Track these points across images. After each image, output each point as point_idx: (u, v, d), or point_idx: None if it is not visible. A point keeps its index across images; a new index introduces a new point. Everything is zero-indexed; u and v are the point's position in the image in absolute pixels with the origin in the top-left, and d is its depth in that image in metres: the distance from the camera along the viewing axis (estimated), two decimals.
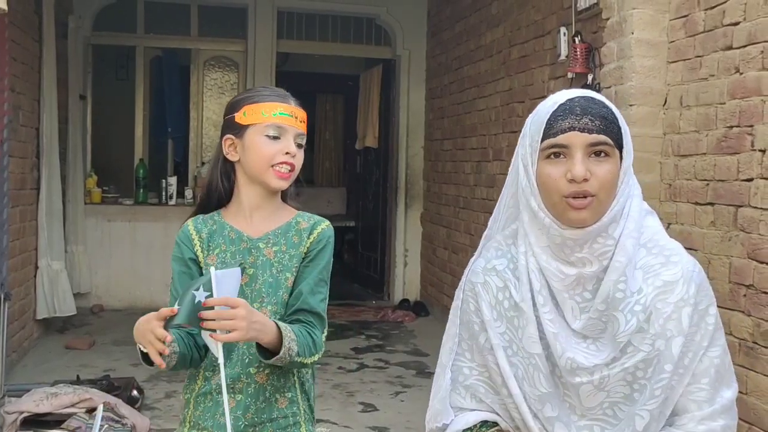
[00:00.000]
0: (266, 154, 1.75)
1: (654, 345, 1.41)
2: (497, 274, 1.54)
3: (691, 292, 1.42)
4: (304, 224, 1.83)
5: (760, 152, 2.78)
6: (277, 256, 1.79)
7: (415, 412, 4.42)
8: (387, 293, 7.81)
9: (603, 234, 1.41)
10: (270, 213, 1.83)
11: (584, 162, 1.39)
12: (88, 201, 6.91)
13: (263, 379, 1.75)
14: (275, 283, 1.78)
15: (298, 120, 1.79)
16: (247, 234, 1.80)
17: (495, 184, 5.59)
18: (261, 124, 1.76)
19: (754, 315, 2.80)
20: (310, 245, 1.80)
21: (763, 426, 2.74)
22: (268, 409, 1.75)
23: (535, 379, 1.48)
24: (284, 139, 1.77)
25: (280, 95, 1.82)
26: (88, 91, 7.16)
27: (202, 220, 1.84)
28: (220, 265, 1.75)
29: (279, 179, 1.77)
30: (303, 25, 7.62)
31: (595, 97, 1.44)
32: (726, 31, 2.99)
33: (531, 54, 5.00)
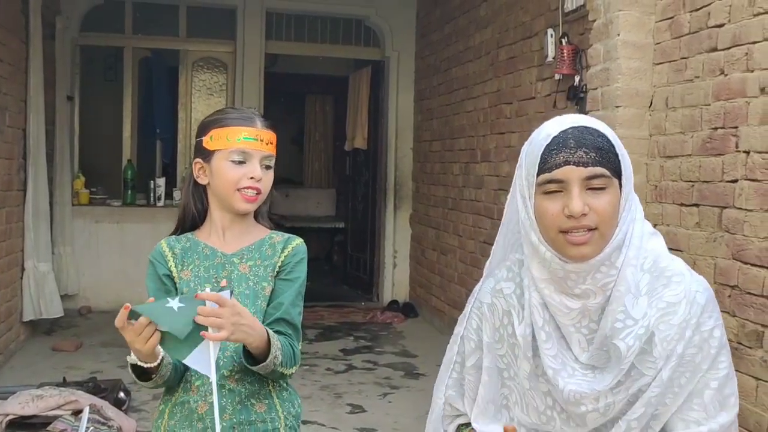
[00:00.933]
0: (231, 178, 1.79)
1: (657, 367, 1.39)
2: (504, 297, 1.53)
3: (692, 312, 1.39)
4: (278, 239, 1.89)
5: (745, 153, 2.79)
6: (252, 270, 1.84)
7: (402, 413, 4.42)
8: (376, 294, 7.81)
9: (606, 263, 1.38)
10: (241, 232, 1.88)
11: (582, 196, 1.35)
12: (75, 202, 6.88)
13: (234, 383, 1.78)
14: (252, 294, 1.82)
15: (263, 143, 1.82)
16: (221, 250, 1.85)
17: (483, 186, 5.60)
18: (226, 149, 1.79)
19: (739, 315, 2.81)
20: (285, 258, 1.85)
21: (749, 426, 2.75)
22: (245, 411, 1.78)
23: (529, 408, 1.49)
24: (249, 164, 1.80)
25: (246, 118, 1.83)
26: (75, 92, 7.12)
27: (175, 239, 1.89)
28: (194, 280, 1.80)
29: (245, 202, 1.81)
30: (292, 26, 7.61)
31: (589, 126, 1.39)
32: (711, 32, 3.00)
33: (519, 55, 5.01)
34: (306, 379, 5.04)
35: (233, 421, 1.77)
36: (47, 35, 6.05)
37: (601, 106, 3.49)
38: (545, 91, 4.57)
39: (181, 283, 1.82)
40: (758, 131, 2.72)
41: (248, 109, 1.90)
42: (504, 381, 1.51)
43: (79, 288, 6.81)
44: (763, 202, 2.69)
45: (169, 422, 1.81)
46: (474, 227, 5.75)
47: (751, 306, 2.75)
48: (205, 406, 1.77)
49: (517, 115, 5.03)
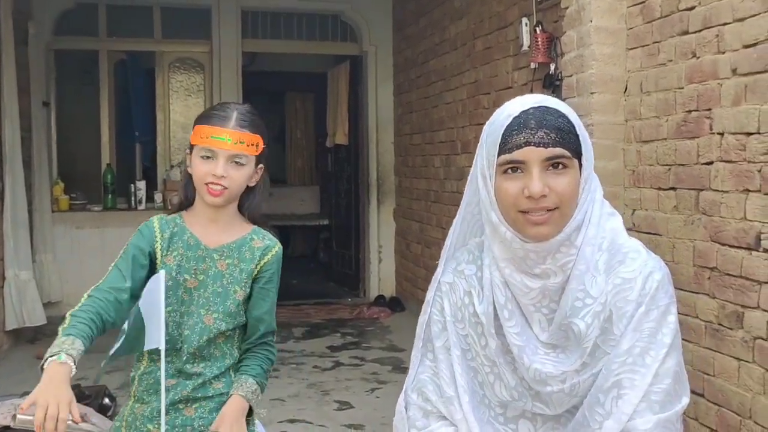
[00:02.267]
0: (198, 173, 1.91)
1: (617, 344, 1.39)
2: (465, 278, 1.53)
3: (647, 287, 1.39)
4: (258, 243, 1.99)
5: (719, 135, 2.79)
6: (228, 269, 1.96)
7: (390, 408, 4.39)
8: (362, 290, 7.80)
9: (566, 243, 1.39)
10: (224, 226, 1.99)
11: (541, 177, 1.35)
12: (55, 209, 6.81)
13: (198, 370, 1.94)
14: (223, 293, 1.95)
15: (231, 142, 1.90)
16: (204, 243, 1.96)
17: (464, 177, 5.56)
18: (198, 145, 1.92)
19: (719, 297, 2.82)
20: (263, 266, 1.98)
21: (731, 407, 2.76)
22: (202, 390, 1.94)
23: (495, 386, 1.49)
24: (214, 161, 1.89)
25: (222, 118, 1.92)
26: (51, 97, 7.05)
27: (167, 221, 1.99)
28: (176, 269, 1.93)
29: (209, 196, 1.90)
30: (268, 24, 7.57)
31: (551, 106, 1.39)
32: (682, 16, 3.00)
33: (494, 45, 5.01)
34: (293, 377, 5.02)
35: (189, 396, 1.93)
36: (20, 41, 5.97)
37: (576, 93, 3.49)
38: (522, 80, 4.57)
39: (164, 267, 1.92)
40: (731, 112, 2.72)
41: (235, 107, 1.97)
42: (468, 362, 1.51)
43: (62, 295, 6.74)
44: (738, 183, 2.69)
45: (138, 388, 1.96)
46: None
47: (731, 287, 2.75)
48: (173, 381, 1.92)
49: (495, 105, 5.00)
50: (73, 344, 1.65)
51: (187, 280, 1.94)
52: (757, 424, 2.62)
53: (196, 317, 1.94)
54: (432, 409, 1.54)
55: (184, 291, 1.94)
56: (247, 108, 1.98)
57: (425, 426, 1.53)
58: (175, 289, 1.93)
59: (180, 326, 1.93)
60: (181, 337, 1.93)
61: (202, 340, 1.93)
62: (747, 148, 2.64)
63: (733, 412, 2.76)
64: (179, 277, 1.93)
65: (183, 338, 1.93)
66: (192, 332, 1.93)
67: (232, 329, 1.98)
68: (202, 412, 1.94)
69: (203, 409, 1.95)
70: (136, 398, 1.97)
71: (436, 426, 1.52)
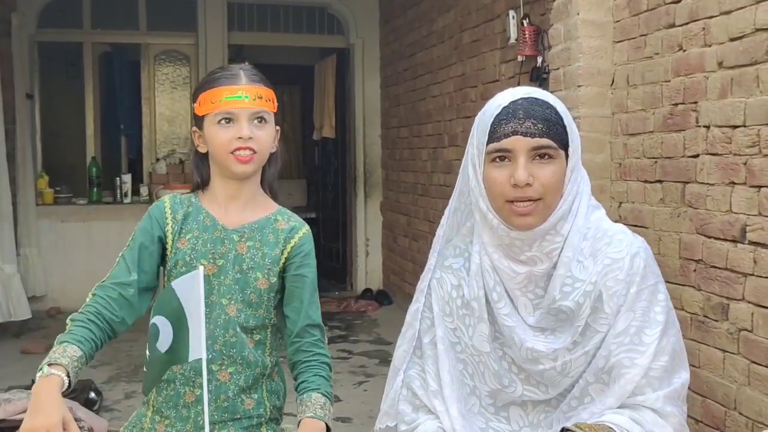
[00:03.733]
0: (221, 142, 1.70)
1: (609, 323, 1.42)
2: (453, 272, 1.56)
3: (636, 266, 1.43)
4: (283, 224, 1.79)
5: (705, 128, 2.80)
6: (249, 252, 1.74)
7: (378, 401, 4.38)
8: (350, 283, 7.80)
9: (551, 232, 1.42)
10: (245, 203, 1.78)
11: (527, 166, 1.39)
12: (40, 202, 6.77)
13: (226, 377, 1.71)
14: (243, 280, 1.73)
15: (250, 99, 1.71)
16: (222, 223, 1.76)
17: (451, 170, 5.60)
18: (212, 113, 1.71)
19: (704, 289, 2.83)
20: (291, 251, 1.76)
21: (717, 398, 2.78)
22: (231, 408, 1.72)
23: (485, 376, 1.51)
24: (236, 124, 1.70)
25: (229, 76, 1.74)
26: (35, 89, 6.99)
27: (179, 200, 1.79)
28: (191, 253, 1.72)
29: (239, 164, 1.70)
30: (254, 16, 7.53)
31: (539, 98, 1.43)
32: (668, 9, 3.01)
33: (482, 38, 5.00)
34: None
35: (214, 418, 1.70)
36: (3, 32, 5.93)
37: (563, 86, 3.49)
38: (509, 73, 4.57)
39: (177, 254, 1.73)
40: (717, 105, 2.73)
41: (239, 66, 1.79)
42: (457, 355, 1.53)
43: (47, 289, 6.70)
44: (723, 176, 2.71)
45: (158, 398, 1.76)
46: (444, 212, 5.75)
47: (716, 279, 2.77)
48: (192, 397, 1.72)
49: (482, 98, 5.02)
50: (64, 352, 1.53)
51: (204, 266, 1.69)
52: (742, 414, 2.64)
53: (218, 308, 1.71)
54: (420, 404, 1.56)
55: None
56: (251, 65, 1.81)
57: (414, 420, 1.54)
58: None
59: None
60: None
61: (229, 335, 1.70)
62: (733, 141, 2.65)
63: (718, 403, 2.78)
64: (195, 263, 1.71)
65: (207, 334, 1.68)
66: (215, 326, 1.70)
67: (261, 329, 1.75)
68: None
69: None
70: (154, 409, 1.76)
71: (422, 419, 1.54)
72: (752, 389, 2.60)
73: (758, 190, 2.54)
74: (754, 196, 2.56)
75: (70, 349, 1.54)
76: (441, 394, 1.52)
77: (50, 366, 1.49)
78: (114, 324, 1.66)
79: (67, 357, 1.52)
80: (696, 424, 2.89)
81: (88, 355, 1.58)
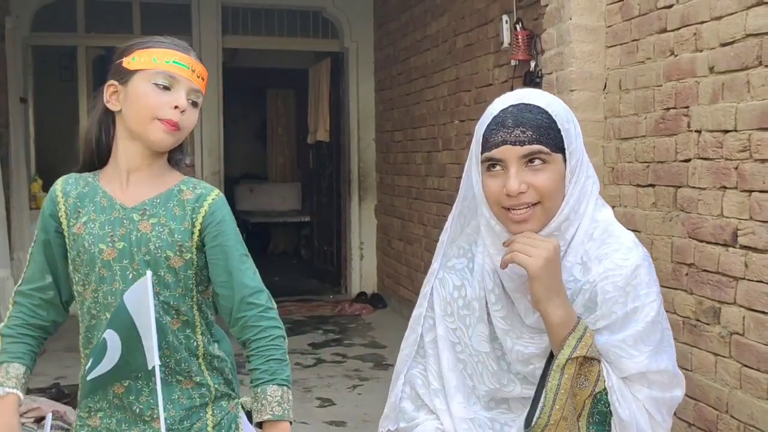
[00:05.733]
0: (151, 104, 1.53)
1: (596, 325, 1.42)
2: (455, 272, 1.56)
3: (639, 279, 1.41)
4: (188, 194, 1.61)
5: (696, 133, 2.82)
6: (154, 230, 1.56)
7: (372, 405, 4.42)
8: (344, 287, 7.79)
9: (555, 234, 1.41)
10: (150, 177, 1.61)
11: (519, 175, 1.38)
12: (33, 206, 6.74)
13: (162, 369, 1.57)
14: (153, 262, 1.56)
15: (195, 74, 1.58)
16: (120, 201, 1.59)
17: (446, 174, 5.61)
18: (150, 70, 1.54)
19: (696, 293, 2.85)
20: (202, 221, 1.58)
21: (709, 402, 2.79)
22: (166, 390, 1.56)
23: (484, 376, 1.51)
24: (174, 91, 1.55)
25: (179, 45, 1.60)
26: (29, 93, 6.98)
27: (74, 180, 1.64)
28: (88, 238, 1.57)
29: (162, 134, 1.54)
30: (249, 20, 7.53)
31: (531, 103, 1.40)
32: (660, 14, 3.03)
33: (475, 42, 5.02)
34: None
35: (150, 403, 1.58)
36: None
37: (556, 91, 3.50)
38: (502, 77, 4.58)
39: (76, 241, 1.57)
40: (708, 110, 2.75)
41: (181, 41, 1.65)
42: (457, 355, 1.53)
43: None
44: (715, 180, 2.72)
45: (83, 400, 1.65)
46: (438, 216, 5.76)
47: (708, 283, 2.78)
48: (121, 388, 1.59)
49: (476, 102, 5.03)
50: (7, 373, 1.56)
51: (104, 251, 1.56)
52: (734, 418, 2.65)
53: None
54: (421, 403, 1.57)
55: (102, 266, 1.57)
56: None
57: (414, 418, 1.56)
58: (91, 264, 1.57)
59: (108, 310, 1.56)
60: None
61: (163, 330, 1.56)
62: (724, 146, 2.67)
63: (710, 406, 2.79)
64: (93, 249, 1.56)
65: None
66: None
67: (186, 309, 1.60)
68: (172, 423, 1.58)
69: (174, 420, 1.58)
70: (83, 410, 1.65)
71: (422, 419, 1.55)
72: (744, 392, 2.61)
73: (749, 194, 2.56)
74: (745, 200, 2.58)
75: (11, 368, 1.58)
76: (442, 393, 1.53)
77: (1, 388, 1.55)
78: (46, 327, 1.67)
79: (11, 378, 1.56)
80: (688, 427, 2.90)
81: (31, 366, 1.62)
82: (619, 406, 1.38)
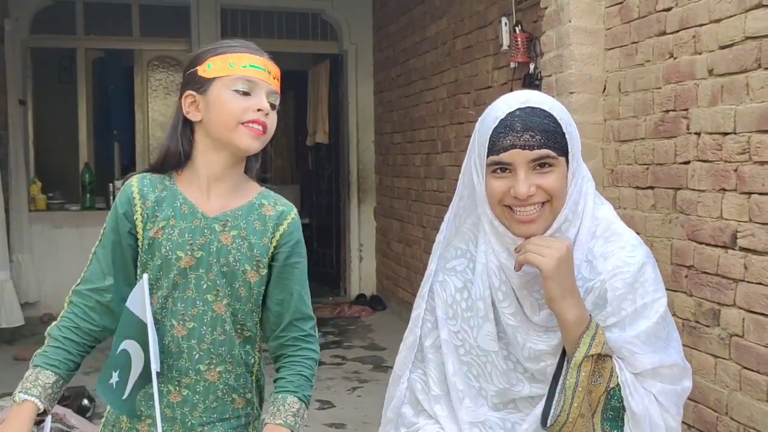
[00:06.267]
0: (234, 109, 1.51)
1: (606, 322, 1.42)
2: (456, 274, 1.55)
3: (646, 276, 1.43)
4: (270, 210, 1.61)
5: (696, 135, 2.82)
6: (235, 242, 1.56)
7: (371, 407, 4.41)
8: (343, 289, 7.79)
9: (557, 235, 1.43)
10: (230, 187, 1.59)
11: (528, 178, 1.39)
12: (32, 208, 6.75)
13: (214, 377, 1.58)
14: (230, 274, 1.56)
15: (271, 76, 1.57)
16: (202, 210, 1.57)
17: (445, 176, 5.61)
18: (229, 77, 1.53)
19: (696, 295, 2.85)
20: (280, 239, 1.59)
21: (708, 404, 2.80)
22: (220, 408, 1.59)
23: (492, 375, 1.51)
24: (255, 95, 1.53)
25: (251, 48, 1.59)
26: (28, 95, 6.97)
27: (150, 181, 1.59)
28: (166, 244, 1.55)
29: (251, 138, 1.52)
30: (248, 22, 7.53)
31: (537, 107, 1.41)
32: (659, 16, 3.03)
33: (475, 45, 5.02)
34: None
35: (203, 419, 1.58)
36: None
37: (555, 93, 3.51)
38: (502, 80, 4.59)
39: (152, 245, 1.55)
40: (708, 112, 2.75)
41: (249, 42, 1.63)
42: (461, 358, 1.53)
43: (40, 295, 6.68)
44: (714, 183, 2.73)
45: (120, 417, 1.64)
46: (437, 218, 5.76)
47: (707, 285, 2.78)
48: (178, 396, 1.59)
49: (475, 104, 5.04)
50: (36, 380, 1.50)
51: (182, 258, 1.54)
52: (733, 420, 2.66)
53: (202, 305, 1.56)
54: (422, 408, 1.57)
55: (178, 273, 1.55)
56: None
57: (414, 423, 1.56)
58: (166, 271, 1.55)
59: (174, 317, 1.56)
60: (185, 332, 1.56)
61: (217, 333, 1.56)
62: (723, 148, 2.67)
63: (709, 408, 2.79)
64: (170, 255, 1.54)
65: (188, 333, 1.56)
66: (201, 324, 1.56)
67: (251, 324, 1.61)
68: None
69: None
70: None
71: (422, 423, 1.55)
72: (743, 394, 2.61)
73: (748, 196, 2.56)
74: (745, 202, 2.58)
75: (42, 375, 1.52)
76: (443, 399, 1.52)
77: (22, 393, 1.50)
78: (95, 333, 1.59)
79: (39, 386, 1.50)
80: (688, 429, 2.91)
81: (66, 376, 1.54)
82: (632, 400, 1.39)
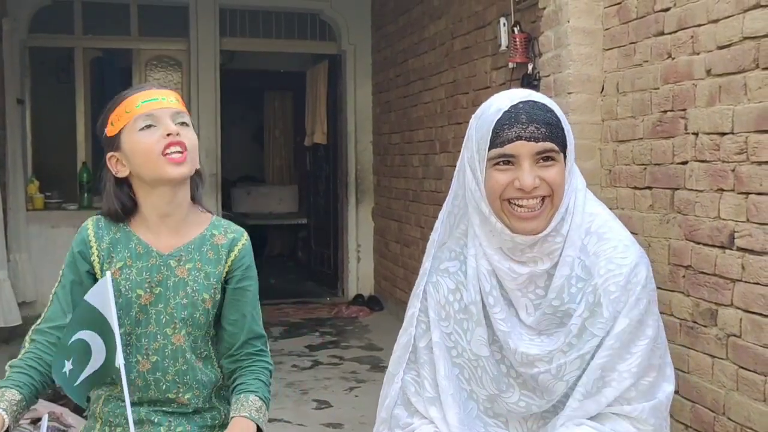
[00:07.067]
0: (147, 144, 1.59)
1: (606, 328, 1.42)
2: (449, 275, 1.55)
3: (639, 277, 1.43)
4: (221, 238, 1.71)
5: (693, 135, 2.83)
6: (191, 275, 1.67)
7: (369, 407, 4.41)
8: (341, 289, 7.79)
9: (552, 233, 1.43)
10: (181, 220, 1.69)
11: (532, 170, 1.40)
12: (30, 207, 6.74)
13: (184, 401, 1.69)
14: (190, 305, 1.66)
15: (167, 101, 1.64)
16: (157, 249, 1.67)
17: (443, 176, 5.61)
18: (129, 122, 1.61)
19: (693, 295, 2.85)
20: (232, 264, 1.70)
21: (706, 404, 2.80)
22: (192, 426, 1.69)
23: (483, 380, 1.51)
24: (160, 124, 1.61)
25: (140, 88, 1.67)
26: (26, 95, 6.96)
27: (105, 224, 1.69)
28: (124, 284, 1.65)
29: (174, 165, 1.59)
30: (246, 22, 7.53)
31: (538, 101, 1.43)
32: (657, 17, 3.03)
33: (473, 45, 5.03)
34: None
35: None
36: None
37: (554, 93, 3.51)
38: (500, 80, 4.59)
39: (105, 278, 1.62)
40: (705, 113, 2.76)
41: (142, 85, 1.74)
42: (453, 360, 1.52)
43: (38, 295, 6.65)
44: (712, 183, 2.73)
45: (104, 409, 1.71)
46: (435, 218, 5.67)
47: (705, 285, 2.79)
48: (147, 365, 1.68)
49: (473, 104, 5.04)
50: (2, 396, 1.56)
51: (141, 296, 1.65)
52: (731, 420, 2.66)
53: (162, 338, 1.66)
54: (414, 409, 1.56)
55: (139, 310, 1.65)
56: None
57: (409, 424, 1.55)
58: (126, 309, 1.64)
59: (139, 352, 1.66)
60: (150, 366, 1.66)
61: (179, 364, 1.66)
62: (721, 148, 2.68)
63: (707, 408, 2.79)
64: (130, 294, 1.64)
65: (152, 367, 1.66)
66: (162, 357, 1.66)
67: (205, 346, 1.72)
68: None
69: None
70: (102, 421, 1.71)
71: (417, 423, 1.54)
72: (741, 394, 2.62)
73: (746, 196, 2.56)
74: (742, 202, 2.58)
75: (8, 393, 1.57)
76: (438, 401, 1.52)
77: None
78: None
79: (6, 401, 1.55)
80: (685, 429, 2.91)
81: (29, 398, 1.60)
82: None
